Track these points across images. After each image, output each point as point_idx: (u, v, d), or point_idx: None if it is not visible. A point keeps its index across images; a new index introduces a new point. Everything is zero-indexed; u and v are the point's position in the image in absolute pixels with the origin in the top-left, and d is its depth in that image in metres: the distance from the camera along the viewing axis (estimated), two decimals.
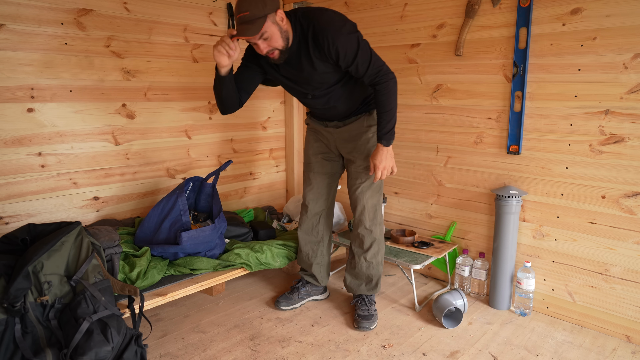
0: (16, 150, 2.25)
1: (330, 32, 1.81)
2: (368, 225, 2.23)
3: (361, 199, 2.21)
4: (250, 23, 1.73)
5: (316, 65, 1.90)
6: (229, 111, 2.05)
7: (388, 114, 1.96)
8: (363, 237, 2.25)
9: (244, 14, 1.72)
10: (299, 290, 2.44)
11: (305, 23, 1.85)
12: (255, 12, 1.72)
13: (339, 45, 1.82)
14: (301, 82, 2.02)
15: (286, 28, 1.83)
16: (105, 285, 1.78)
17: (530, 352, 2.03)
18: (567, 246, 2.25)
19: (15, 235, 1.83)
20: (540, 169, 2.29)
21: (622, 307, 2.12)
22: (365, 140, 2.16)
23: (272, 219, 3.05)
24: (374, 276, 2.29)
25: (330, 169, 2.32)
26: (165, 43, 2.70)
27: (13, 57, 2.18)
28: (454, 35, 2.51)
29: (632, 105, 1.99)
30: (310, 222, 2.38)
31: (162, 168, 2.83)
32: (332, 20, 1.84)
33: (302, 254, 2.43)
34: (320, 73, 1.94)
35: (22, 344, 1.57)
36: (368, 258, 2.26)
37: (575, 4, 2.07)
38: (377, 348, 2.06)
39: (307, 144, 2.37)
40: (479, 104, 2.47)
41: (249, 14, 1.71)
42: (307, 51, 1.88)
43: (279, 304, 2.40)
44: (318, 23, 1.82)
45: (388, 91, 1.93)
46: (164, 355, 2.00)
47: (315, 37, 1.83)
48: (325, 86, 2.01)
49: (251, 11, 1.72)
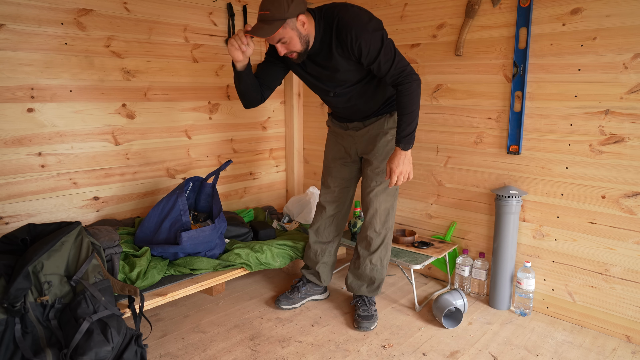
0: (16, 150, 2.25)
1: (354, 29, 1.76)
2: (378, 229, 2.21)
3: (374, 202, 2.18)
4: (267, 23, 1.70)
5: (339, 62, 1.88)
6: (251, 105, 2.05)
7: (409, 117, 1.88)
8: (371, 240, 2.23)
9: (265, 12, 1.69)
10: (299, 289, 2.44)
11: (330, 19, 1.82)
12: (275, 14, 1.69)
13: (362, 42, 1.77)
14: (323, 79, 2.00)
15: (307, 32, 1.81)
16: (105, 285, 1.78)
17: (530, 352, 2.03)
18: (567, 246, 2.25)
19: (15, 235, 1.83)
20: (540, 169, 2.29)
21: (622, 307, 2.12)
22: (384, 142, 2.14)
23: (272, 219, 3.05)
24: (377, 279, 2.29)
25: (348, 174, 2.31)
26: (165, 43, 2.70)
27: (13, 57, 2.18)
28: (454, 35, 2.51)
29: (632, 105, 1.99)
30: (324, 222, 2.38)
31: (162, 168, 2.83)
32: (357, 16, 1.80)
33: (309, 251, 2.42)
34: (343, 71, 1.91)
35: (22, 344, 1.57)
36: (373, 261, 2.25)
37: (575, 4, 2.07)
38: (377, 348, 2.06)
39: (328, 147, 2.37)
40: (479, 104, 2.47)
41: (269, 13, 1.69)
42: (330, 48, 1.85)
43: (280, 302, 2.40)
44: (342, 19, 1.79)
45: (410, 93, 1.86)
46: (164, 355, 2.00)
47: (339, 33, 1.80)
48: (347, 84, 1.99)
49: (272, 12, 1.69)
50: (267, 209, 3.23)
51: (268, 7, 1.69)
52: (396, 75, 1.86)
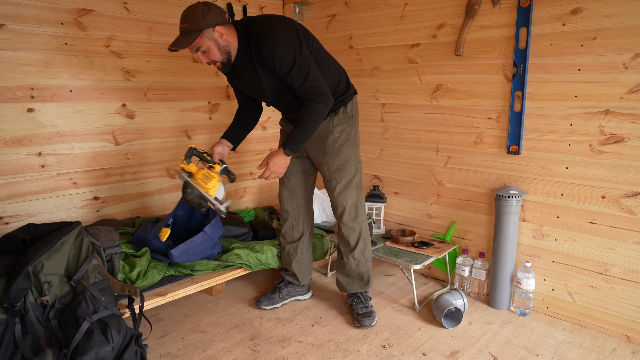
0: (16, 150, 2.25)
1: (269, 43, 1.83)
2: (351, 225, 2.24)
3: (340, 200, 2.21)
4: (185, 35, 1.81)
5: (260, 74, 1.94)
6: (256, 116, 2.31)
7: (304, 130, 1.95)
8: (348, 237, 2.26)
9: (183, 25, 1.80)
10: (280, 290, 2.45)
11: (249, 32, 1.89)
12: (192, 25, 1.79)
13: (276, 55, 1.84)
14: (254, 90, 2.08)
15: (226, 42, 1.87)
16: (106, 285, 1.78)
17: (530, 352, 2.03)
18: (567, 246, 2.25)
19: (15, 235, 1.83)
20: (540, 169, 2.29)
21: (622, 307, 2.12)
22: (333, 140, 2.13)
23: (272, 219, 3.05)
24: (364, 273, 2.30)
25: (301, 167, 2.31)
26: (165, 43, 2.70)
27: (13, 57, 2.18)
28: (454, 35, 2.51)
29: (632, 105, 1.99)
30: (290, 222, 2.38)
31: (162, 168, 2.82)
32: (272, 30, 1.85)
33: (283, 252, 2.44)
34: (267, 82, 1.97)
35: (22, 344, 1.57)
36: (356, 256, 2.27)
37: (575, 4, 2.07)
38: (377, 348, 2.06)
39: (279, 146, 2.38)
40: (479, 104, 2.47)
41: (187, 26, 1.80)
42: (252, 60, 1.92)
43: (260, 303, 2.41)
44: (259, 33, 1.86)
45: (314, 110, 1.92)
46: (164, 355, 2.00)
47: (257, 45, 1.87)
48: (278, 93, 2.03)
49: (189, 24, 1.80)
50: (267, 209, 3.23)
51: (185, 20, 1.80)
52: (307, 92, 1.92)
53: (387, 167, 2.96)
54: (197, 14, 1.78)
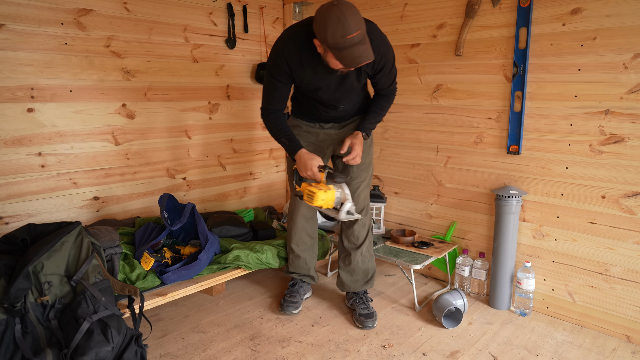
0: (16, 150, 2.25)
1: (384, 44, 1.88)
2: (362, 220, 2.27)
3: (361, 197, 2.24)
4: (365, 43, 1.62)
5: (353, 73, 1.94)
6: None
7: (380, 116, 2.15)
8: (359, 233, 2.28)
9: (356, 33, 1.57)
10: (299, 291, 2.43)
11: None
12: (363, 29, 1.60)
13: (386, 55, 1.91)
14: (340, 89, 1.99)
15: None
16: (106, 285, 1.78)
17: (530, 352, 2.03)
18: (567, 246, 2.25)
19: (15, 235, 1.83)
20: (540, 169, 2.29)
21: (622, 307, 2.12)
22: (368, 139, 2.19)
23: (272, 219, 3.05)
24: (370, 269, 2.32)
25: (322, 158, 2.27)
26: (165, 43, 2.70)
27: (13, 57, 2.18)
28: (454, 35, 2.51)
29: (632, 105, 1.99)
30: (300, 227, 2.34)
31: (162, 168, 2.83)
32: (383, 36, 1.91)
33: (299, 261, 2.38)
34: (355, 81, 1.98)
35: (22, 344, 1.57)
36: (364, 252, 2.29)
37: (575, 4, 2.07)
38: (377, 348, 2.06)
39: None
40: (479, 104, 2.47)
41: (360, 32, 1.58)
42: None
43: (287, 309, 2.33)
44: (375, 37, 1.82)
45: (391, 100, 2.15)
46: (164, 355, 2.00)
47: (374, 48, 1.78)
48: (354, 92, 2.06)
49: (362, 30, 1.59)
50: (267, 209, 3.23)
51: (356, 27, 1.58)
52: (393, 87, 2.12)
53: (387, 167, 2.96)
54: (359, 15, 1.61)
